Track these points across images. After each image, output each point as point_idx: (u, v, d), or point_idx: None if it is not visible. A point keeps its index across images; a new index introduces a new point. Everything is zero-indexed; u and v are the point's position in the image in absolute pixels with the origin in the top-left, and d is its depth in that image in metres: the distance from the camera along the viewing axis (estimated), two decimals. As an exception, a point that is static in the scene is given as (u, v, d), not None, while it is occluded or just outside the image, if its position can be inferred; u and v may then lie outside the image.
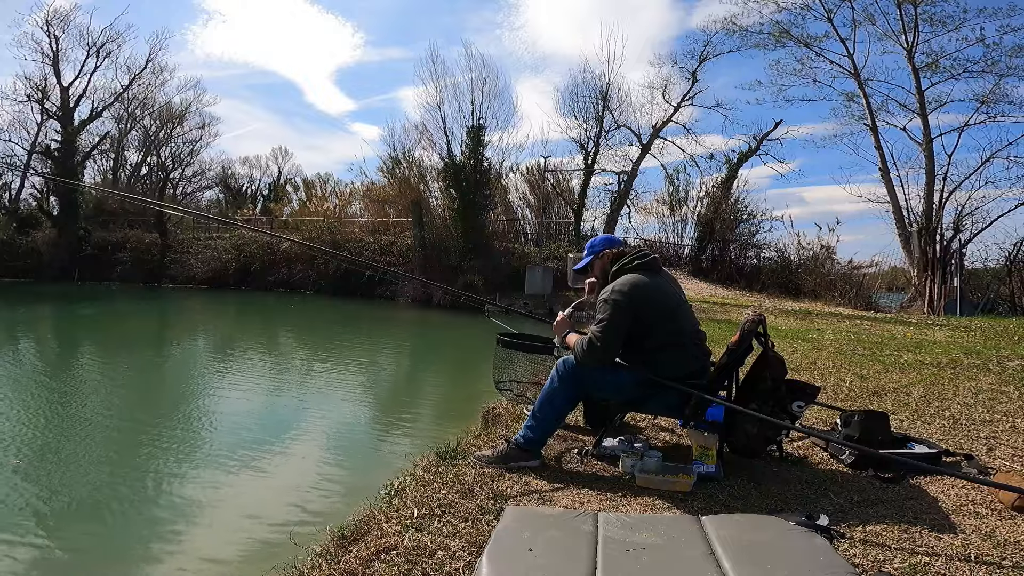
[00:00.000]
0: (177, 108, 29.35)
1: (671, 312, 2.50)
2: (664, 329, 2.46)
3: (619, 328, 2.40)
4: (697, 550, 1.68)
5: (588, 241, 2.81)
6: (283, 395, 6.53)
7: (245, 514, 3.19)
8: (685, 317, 2.56)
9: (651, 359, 2.45)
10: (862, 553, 1.75)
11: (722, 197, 20.16)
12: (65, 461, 4.01)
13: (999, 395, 3.92)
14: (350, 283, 18.32)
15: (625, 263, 2.57)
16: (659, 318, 2.45)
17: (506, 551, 1.67)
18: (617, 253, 2.65)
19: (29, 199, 26.72)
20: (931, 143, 16.40)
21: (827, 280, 16.53)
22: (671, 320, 2.49)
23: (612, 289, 2.46)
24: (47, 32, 24.68)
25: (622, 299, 2.41)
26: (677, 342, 2.48)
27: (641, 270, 2.52)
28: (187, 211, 23.97)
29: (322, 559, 1.76)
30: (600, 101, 21.50)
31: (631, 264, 2.55)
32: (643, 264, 2.55)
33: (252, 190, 37.79)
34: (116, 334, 11.41)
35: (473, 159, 17.90)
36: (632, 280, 2.47)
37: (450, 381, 7.86)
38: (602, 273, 2.66)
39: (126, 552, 2.82)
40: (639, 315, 2.42)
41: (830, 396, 3.75)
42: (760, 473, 2.43)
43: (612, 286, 2.48)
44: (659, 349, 2.45)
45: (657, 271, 2.58)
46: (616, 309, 2.40)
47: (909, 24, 16.53)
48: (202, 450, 4.27)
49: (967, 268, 14.84)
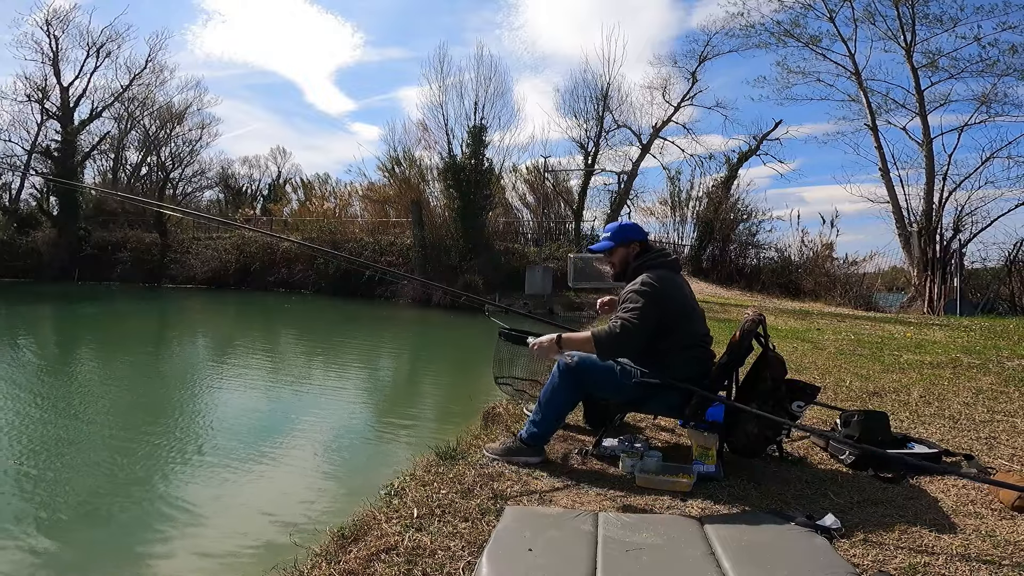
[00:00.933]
0: (177, 108, 29.38)
1: (688, 314, 2.49)
2: (681, 330, 2.46)
3: (649, 318, 2.36)
4: (697, 550, 1.68)
5: (613, 223, 2.70)
6: (283, 395, 6.53)
7: (245, 514, 3.19)
8: (700, 320, 2.57)
9: (662, 359, 2.44)
10: (862, 553, 1.75)
11: (722, 197, 20.16)
12: (64, 461, 4.01)
13: (999, 395, 3.93)
14: (350, 283, 18.31)
15: (651, 258, 2.55)
16: (679, 318, 2.45)
17: (506, 551, 1.67)
18: (644, 246, 2.62)
19: (29, 199, 26.78)
20: (931, 143, 16.40)
21: (827, 280, 16.52)
22: (688, 322, 2.49)
23: (644, 281, 2.43)
24: (47, 32, 24.73)
25: (655, 292, 2.39)
26: (690, 344, 2.48)
27: (665, 268, 2.51)
28: (187, 212, 23.92)
29: (322, 559, 1.76)
30: (600, 101, 21.55)
31: (657, 260, 2.54)
32: (667, 263, 2.54)
33: (252, 190, 37.82)
34: (116, 334, 11.41)
35: (474, 159, 17.89)
36: (664, 275, 2.45)
37: (450, 381, 7.86)
38: (622, 262, 2.62)
39: (126, 552, 2.82)
40: (665, 311, 2.40)
41: (830, 396, 3.75)
42: (760, 473, 2.43)
43: (644, 278, 2.44)
44: (673, 350, 2.44)
45: (678, 272, 2.59)
46: (650, 300, 2.37)
47: (907, 23, 16.55)
48: (202, 450, 4.27)
49: (967, 268, 14.84)
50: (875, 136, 17.35)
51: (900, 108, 17.23)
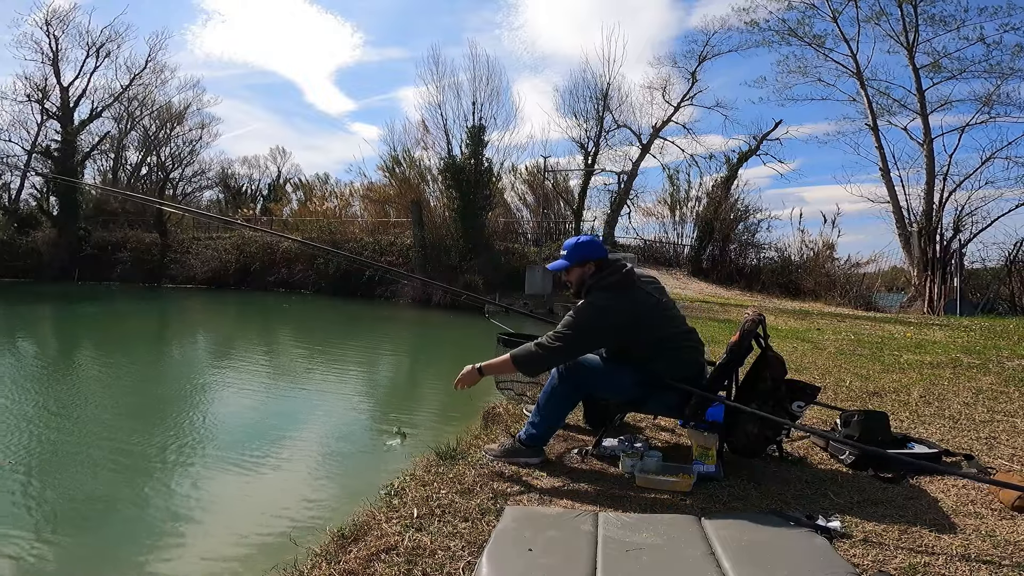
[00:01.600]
0: (177, 108, 29.39)
1: (651, 320, 2.46)
2: (649, 339, 2.45)
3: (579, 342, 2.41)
4: (697, 550, 1.68)
5: (571, 240, 2.62)
6: (283, 395, 6.53)
7: (245, 514, 3.19)
8: (671, 321, 2.52)
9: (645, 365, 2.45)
10: (862, 553, 1.75)
11: (722, 197, 20.16)
12: (63, 461, 4.01)
13: (999, 395, 3.93)
14: (350, 283, 18.31)
15: (602, 278, 2.50)
16: (638, 328, 2.44)
17: (506, 551, 1.67)
18: (600, 265, 2.55)
19: (29, 199, 26.76)
20: (931, 143, 16.42)
21: (827, 280, 16.53)
22: (654, 329, 2.47)
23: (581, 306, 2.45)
24: (47, 32, 24.70)
25: (591, 315, 2.41)
26: (667, 347, 2.47)
27: (615, 288, 2.46)
28: (187, 209, 23.94)
29: (322, 559, 1.76)
30: (600, 101, 21.53)
31: (606, 280, 2.48)
32: (618, 281, 2.47)
33: (252, 190, 37.82)
34: (116, 334, 11.40)
35: (473, 159, 17.89)
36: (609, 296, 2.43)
37: (450, 381, 7.79)
38: (578, 282, 2.58)
39: (125, 552, 2.81)
40: (617, 327, 2.42)
41: (830, 396, 3.75)
42: (760, 473, 2.43)
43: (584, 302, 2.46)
44: (650, 358, 2.45)
45: (632, 285, 2.49)
46: (585, 324, 2.40)
47: (910, 23, 16.55)
48: (201, 450, 4.27)
49: (967, 268, 14.86)
50: (876, 136, 17.39)
51: (902, 108, 17.29)
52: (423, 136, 20.15)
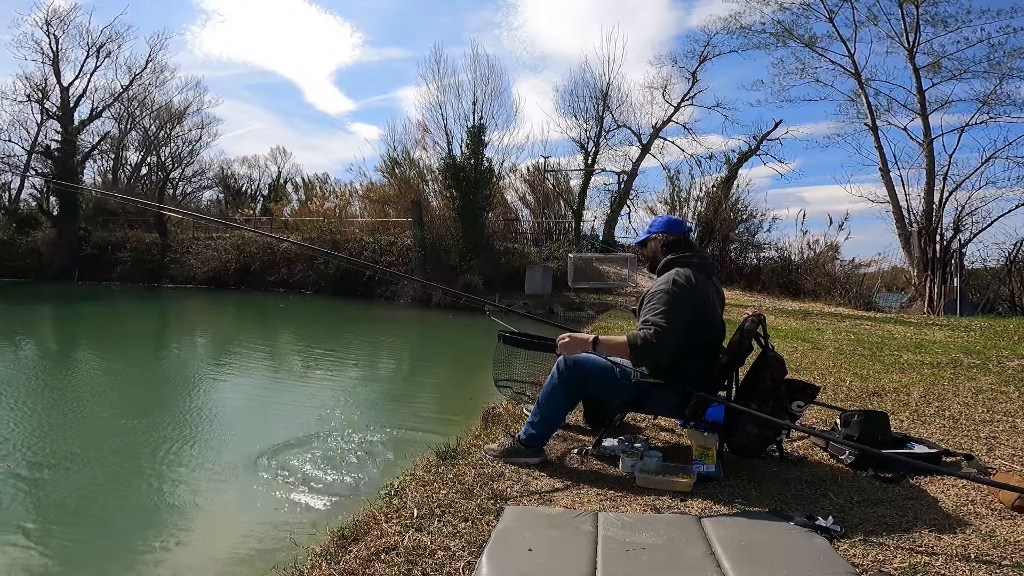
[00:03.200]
0: (177, 108, 29.38)
1: (705, 321, 2.42)
2: (700, 337, 2.40)
3: (681, 316, 2.28)
4: (697, 550, 1.68)
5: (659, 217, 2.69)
6: (283, 395, 6.52)
7: (245, 514, 3.18)
8: (716, 329, 2.50)
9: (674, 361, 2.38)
10: (862, 553, 1.75)
11: (722, 197, 20.16)
12: (63, 461, 4.01)
13: (999, 395, 3.93)
14: (350, 283, 18.30)
15: (680, 255, 2.48)
16: (699, 324, 2.38)
17: (506, 551, 1.67)
18: (674, 241, 2.52)
19: (29, 199, 26.80)
20: (931, 143, 16.42)
21: (827, 280, 16.53)
22: (708, 329, 2.44)
23: (672, 280, 2.36)
24: (47, 32, 24.72)
25: (682, 291, 2.32)
26: (706, 351, 2.45)
27: (696, 269, 2.44)
28: (185, 212, 23.88)
29: (322, 559, 1.76)
30: (600, 101, 21.54)
31: (689, 259, 2.47)
32: (699, 265, 2.47)
33: (252, 190, 37.82)
34: (115, 334, 11.40)
35: (473, 159, 17.89)
36: (690, 275, 2.39)
37: (450, 381, 7.85)
38: (651, 255, 2.57)
39: (125, 552, 2.81)
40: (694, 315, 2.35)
41: (830, 396, 3.75)
42: (760, 473, 2.43)
43: (671, 276, 2.38)
44: (686, 353, 2.39)
45: (710, 276, 2.50)
46: (678, 299, 2.31)
47: (911, 24, 16.56)
48: (201, 450, 4.27)
49: (967, 268, 14.86)
50: (875, 136, 17.38)
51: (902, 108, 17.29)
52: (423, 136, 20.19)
